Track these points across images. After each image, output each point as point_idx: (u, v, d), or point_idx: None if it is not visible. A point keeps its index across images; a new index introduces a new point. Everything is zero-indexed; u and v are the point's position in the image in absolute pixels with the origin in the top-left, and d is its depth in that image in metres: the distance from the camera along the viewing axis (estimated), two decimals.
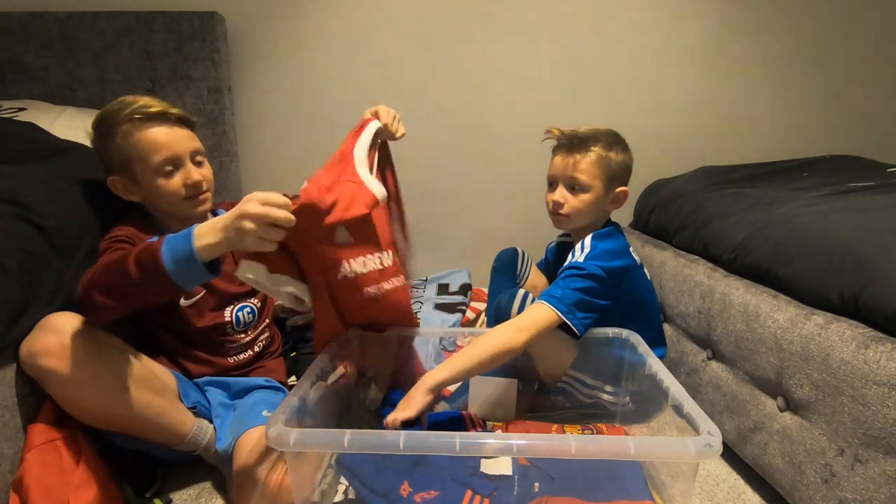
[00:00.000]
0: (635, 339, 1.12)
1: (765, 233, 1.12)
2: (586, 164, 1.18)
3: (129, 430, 0.93)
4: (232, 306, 1.12)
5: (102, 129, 1.00)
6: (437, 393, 1.03)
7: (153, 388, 0.93)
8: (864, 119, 1.96)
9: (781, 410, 0.95)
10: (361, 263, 1.00)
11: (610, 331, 1.16)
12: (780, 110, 1.95)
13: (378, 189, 1.04)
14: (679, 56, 1.90)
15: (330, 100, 1.93)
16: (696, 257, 1.35)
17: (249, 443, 0.92)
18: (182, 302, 1.05)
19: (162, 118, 0.99)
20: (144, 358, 0.96)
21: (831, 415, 0.84)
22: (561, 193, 1.21)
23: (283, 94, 1.92)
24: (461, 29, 1.88)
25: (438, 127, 1.94)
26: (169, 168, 0.99)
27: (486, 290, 1.83)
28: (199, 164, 1.04)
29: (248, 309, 1.15)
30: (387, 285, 1.04)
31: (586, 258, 1.15)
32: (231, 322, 1.12)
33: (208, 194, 1.06)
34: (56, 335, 0.80)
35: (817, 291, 0.94)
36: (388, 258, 1.05)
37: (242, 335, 1.15)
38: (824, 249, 0.95)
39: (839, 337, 0.84)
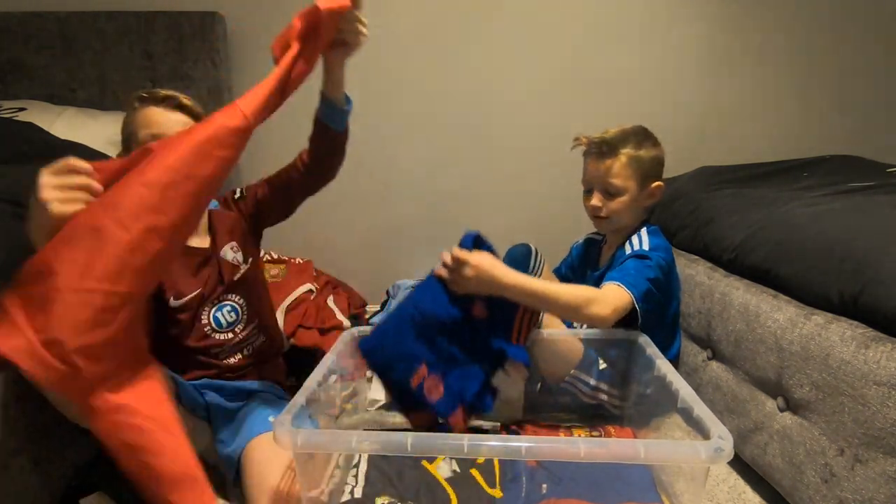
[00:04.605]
0: (644, 340, 1.12)
1: (765, 233, 1.12)
2: (618, 169, 1.21)
3: None
4: (208, 308, 1.09)
5: (127, 105, 1.06)
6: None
7: None
8: (864, 119, 1.96)
9: (781, 410, 0.95)
10: None
11: (618, 332, 1.15)
12: (781, 110, 1.95)
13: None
14: (679, 56, 1.90)
15: None
16: (696, 257, 1.35)
17: (258, 450, 0.92)
18: (172, 302, 1.03)
19: (164, 102, 1.02)
20: None
21: (831, 415, 0.84)
22: (598, 199, 1.24)
23: None
24: (464, 30, 1.88)
25: (440, 127, 1.94)
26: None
27: None
28: None
29: (229, 307, 1.12)
30: None
31: (650, 249, 1.18)
32: (209, 323, 1.08)
33: None
34: None
35: (817, 291, 0.94)
36: None
37: (229, 335, 1.11)
38: (824, 249, 0.95)
39: (839, 337, 0.84)
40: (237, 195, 1.19)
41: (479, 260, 0.99)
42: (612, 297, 1.07)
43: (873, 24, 1.89)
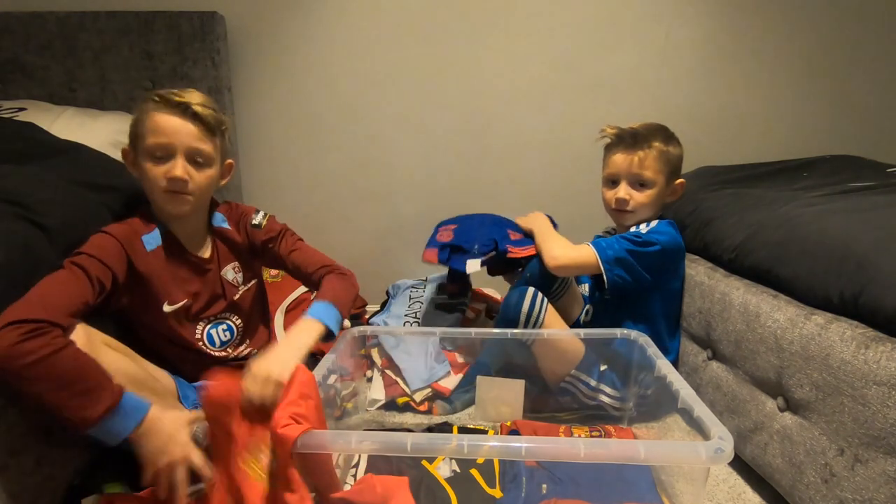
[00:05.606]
0: (644, 340, 1.12)
1: (765, 233, 1.12)
2: (651, 161, 1.22)
3: None
4: (203, 324, 1.10)
5: (140, 102, 1.02)
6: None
7: (152, 391, 0.92)
8: (864, 119, 1.96)
9: (781, 410, 0.95)
10: None
11: (618, 332, 1.16)
12: (780, 110, 1.95)
13: None
14: (678, 56, 1.90)
15: (330, 100, 1.93)
16: (696, 257, 1.35)
17: None
18: (165, 307, 1.03)
19: (179, 109, 0.99)
20: (142, 360, 0.96)
21: (831, 415, 0.84)
22: (626, 190, 1.25)
23: (284, 95, 1.92)
24: (462, 31, 1.88)
25: (438, 127, 1.94)
26: (160, 154, 0.99)
27: (486, 291, 1.83)
28: (196, 165, 1.01)
29: (225, 327, 1.13)
30: None
31: (649, 231, 1.21)
32: (202, 339, 1.10)
33: (188, 197, 1.01)
34: None
35: (817, 291, 0.94)
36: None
37: (221, 353, 1.12)
38: (824, 249, 0.95)
39: (839, 337, 0.84)
40: (254, 222, 1.17)
41: (536, 214, 1.42)
42: (573, 247, 1.21)
43: (873, 24, 1.89)
